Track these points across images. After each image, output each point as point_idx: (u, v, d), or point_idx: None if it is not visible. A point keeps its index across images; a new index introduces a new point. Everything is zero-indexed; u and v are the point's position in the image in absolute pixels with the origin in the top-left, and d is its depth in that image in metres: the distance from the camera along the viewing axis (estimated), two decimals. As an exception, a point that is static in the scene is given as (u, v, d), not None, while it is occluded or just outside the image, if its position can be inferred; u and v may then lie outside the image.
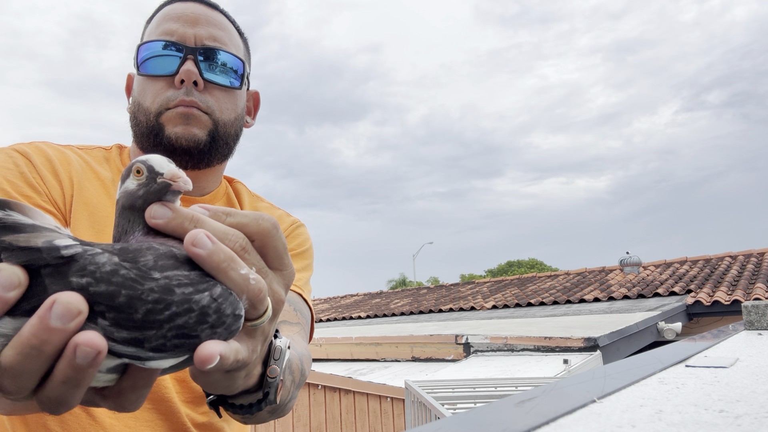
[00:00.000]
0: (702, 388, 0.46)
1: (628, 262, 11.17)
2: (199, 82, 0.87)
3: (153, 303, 0.37)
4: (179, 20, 0.89)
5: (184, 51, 0.87)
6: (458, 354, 4.83)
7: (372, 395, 4.27)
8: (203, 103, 0.87)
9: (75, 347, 0.35)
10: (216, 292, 0.39)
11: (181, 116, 0.86)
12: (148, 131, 0.88)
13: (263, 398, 0.60)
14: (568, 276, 12.48)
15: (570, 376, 0.56)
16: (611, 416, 0.37)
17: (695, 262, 11.20)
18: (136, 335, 0.37)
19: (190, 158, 0.88)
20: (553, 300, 9.52)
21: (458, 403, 2.16)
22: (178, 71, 0.86)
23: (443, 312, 10.53)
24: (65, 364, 0.36)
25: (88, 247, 0.38)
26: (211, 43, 0.89)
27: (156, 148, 0.87)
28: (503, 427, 0.34)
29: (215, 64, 0.89)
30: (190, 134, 0.87)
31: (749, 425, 0.34)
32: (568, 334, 4.40)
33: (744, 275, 8.83)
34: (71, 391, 0.37)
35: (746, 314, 0.95)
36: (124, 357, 0.38)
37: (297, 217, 1.10)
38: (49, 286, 0.36)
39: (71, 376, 0.36)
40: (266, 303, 0.43)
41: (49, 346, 0.35)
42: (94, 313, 0.36)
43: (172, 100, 0.86)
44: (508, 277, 14.17)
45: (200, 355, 0.38)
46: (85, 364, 0.35)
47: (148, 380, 0.40)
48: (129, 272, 0.37)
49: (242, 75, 0.93)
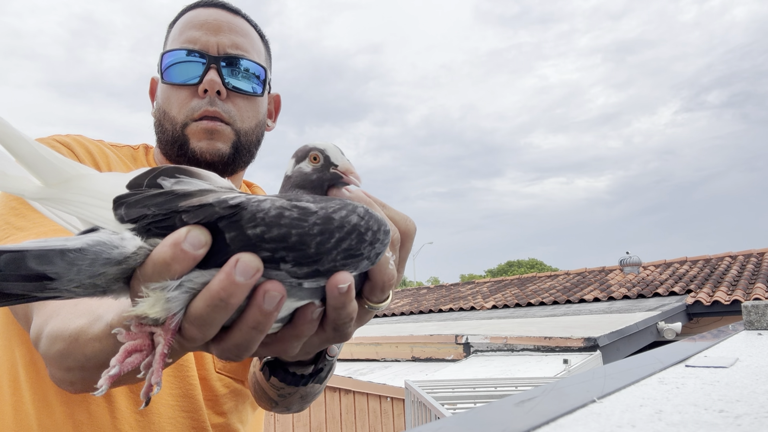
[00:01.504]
0: (702, 388, 0.46)
1: (628, 262, 11.17)
2: (222, 92, 0.89)
3: (320, 235, 0.42)
4: (202, 28, 0.90)
5: (207, 60, 0.89)
6: (458, 354, 4.83)
7: (372, 395, 4.27)
8: (226, 113, 0.90)
9: (264, 293, 0.40)
10: (361, 212, 0.44)
11: (206, 131, 0.89)
12: (173, 141, 0.91)
13: (315, 373, 0.65)
14: (568, 276, 12.47)
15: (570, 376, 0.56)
16: (611, 416, 0.37)
17: (695, 262, 11.19)
18: (316, 267, 0.42)
19: (213, 170, 0.89)
20: (553, 300, 9.52)
21: (458, 403, 2.16)
22: (202, 80, 0.89)
23: (443, 312, 10.53)
24: (255, 310, 0.41)
25: (252, 196, 0.43)
26: (233, 51, 0.91)
27: (180, 158, 0.90)
28: (503, 427, 0.34)
29: (238, 72, 0.91)
30: (214, 149, 0.90)
31: (749, 425, 0.34)
32: (568, 334, 4.40)
33: (744, 275, 8.83)
34: (257, 336, 0.43)
35: (746, 314, 0.95)
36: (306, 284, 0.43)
37: None
38: (229, 239, 0.40)
39: (260, 321, 0.41)
40: (390, 291, 0.48)
41: (234, 298, 0.39)
42: (274, 260, 0.41)
43: (197, 110, 0.89)
44: (508, 277, 14.16)
45: (337, 279, 0.42)
46: (271, 308, 0.41)
47: (311, 327, 0.45)
48: (292, 212, 0.42)
49: (264, 81, 0.95)
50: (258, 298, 0.40)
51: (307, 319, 0.44)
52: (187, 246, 0.39)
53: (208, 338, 0.42)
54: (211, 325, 0.41)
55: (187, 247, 0.39)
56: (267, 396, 0.77)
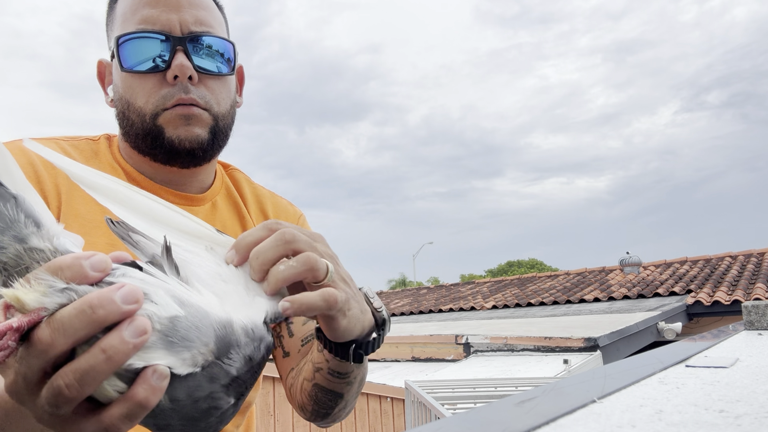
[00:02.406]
0: (702, 388, 0.46)
1: (628, 262, 11.17)
2: (194, 76, 0.81)
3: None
4: (158, 5, 0.81)
5: (172, 42, 0.80)
6: (458, 354, 4.83)
7: (372, 395, 4.27)
8: (201, 99, 0.82)
9: (132, 323, 0.39)
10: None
11: (182, 117, 0.81)
12: (144, 134, 0.83)
13: (382, 324, 0.67)
14: (568, 276, 12.48)
15: (570, 376, 0.56)
16: (611, 416, 0.37)
17: (695, 262, 11.20)
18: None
19: (194, 158, 0.85)
20: (553, 300, 9.52)
21: (458, 403, 2.16)
22: (170, 66, 0.80)
23: (443, 312, 10.53)
24: (115, 335, 0.39)
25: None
26: (198, 29, 0.82)
27: (156, 150, 0.84)
28: (503, 427, 0.34)
29: (206, 52, 0.83)
30: (193, 135, 0.82)
31: (749, 425, 0.34)
32: (568, 334, 4.40)
33: (744, 275, 8.83)
34: (103, 366, 0.39)
35: (746, 314, 0.95)
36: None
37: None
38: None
39: (114, 346, 0.39)
40: (320, 264, 0.54)
41: (102, 312, 0.38)
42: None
43: (169, 99, 0.81)
44: (508, 277, 14.17)
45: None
46: (134, 339, 0.39)
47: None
48: None
49: (232, 57, 0.87)
50: (124, 323, 0.39)
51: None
52: (86, 264, 0.40)
53: (58, 350, 0.39)
54: (67, 333, 0.39)
55: (85, 264, 0.40)
56: (330, 396, 0.76)
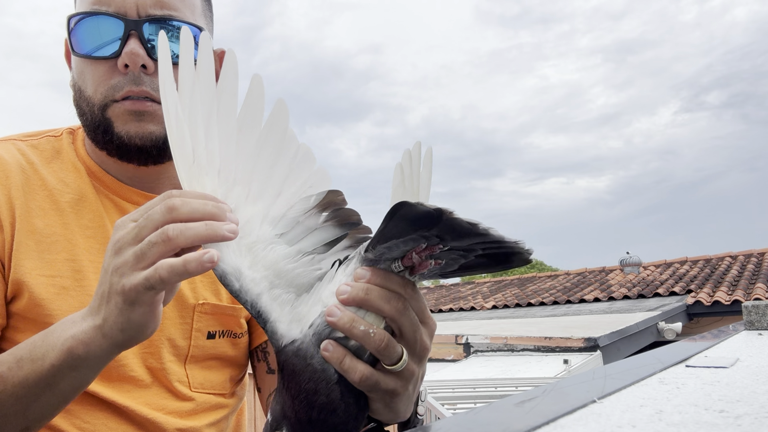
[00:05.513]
0: (702, 388, 0.46)
1: (628, 262, 11.16)
2: (148, 65, 0.73)
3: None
4: None
5: (125, 26, 0.71)
6: (458, 354, 4.83)
7: (372, 395, 4.26)
8: (155, 91, 0.73)
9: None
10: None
11: (132, 113, 0.73)
12: (94, 126, 0.75)
13: (407, 425, 0.65)
14: (568, 276, 12.47)
15: (570, 376, 0.56)
16: (611, 416, 0.37)
17: (695, 262, 11.19)
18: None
19: (148, 156, 0.77)
20: (553, 300, 9.51)
21: (458, 403, 2.15)
22: (121, 52, 0.72)
23: (443, 312, 10.53)
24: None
25: None
26: (157, 12, 0.73)
27: (108, 145, 0.76)
28: (503, 427, 0.34)
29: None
30: (144, 132, 0.74)
31: (749, 425, 0.34)
32: (568, 334, 4.40)
33: (744, 275, 8.83)
34: (152, 250, 0.49)
35: (746, 314, 0.95)
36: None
37: None
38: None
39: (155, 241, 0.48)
40: (396, 350, 0.49)
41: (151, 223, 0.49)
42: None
43: (118, 90, 0.73)
44: (508, 277, 14.16)
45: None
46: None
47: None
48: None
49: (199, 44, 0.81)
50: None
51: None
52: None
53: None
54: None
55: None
56: None
